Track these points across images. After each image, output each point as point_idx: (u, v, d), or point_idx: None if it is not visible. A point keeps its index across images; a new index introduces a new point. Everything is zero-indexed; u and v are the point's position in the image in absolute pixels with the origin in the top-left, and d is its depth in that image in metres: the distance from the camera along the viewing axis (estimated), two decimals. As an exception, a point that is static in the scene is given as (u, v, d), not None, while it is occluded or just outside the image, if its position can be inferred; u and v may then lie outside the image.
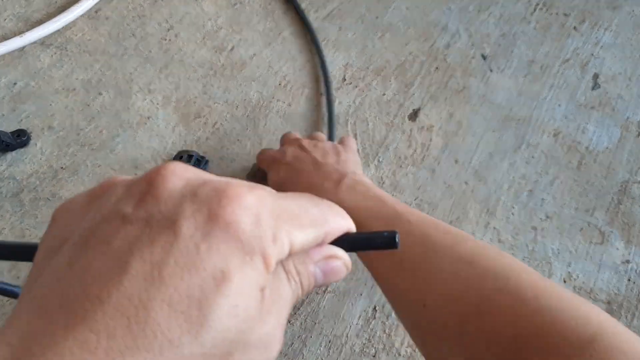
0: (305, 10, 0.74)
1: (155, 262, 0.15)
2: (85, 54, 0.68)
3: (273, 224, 0.18)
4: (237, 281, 0.16)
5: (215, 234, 0.16)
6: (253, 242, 0.17)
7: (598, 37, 0.73)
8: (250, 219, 0.17)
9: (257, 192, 0.18)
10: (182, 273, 0.15)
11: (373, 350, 0.49)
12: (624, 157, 0.62)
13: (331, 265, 0.21)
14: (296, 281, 0.20)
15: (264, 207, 0.18)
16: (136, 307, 0.15)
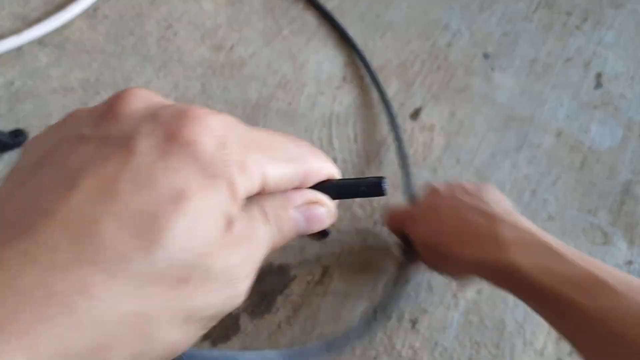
0: (305, 8, 0.74)
1: (108, 178, 0.15)
2: (83, 52, 0.68)
3: (241, 151, 0.17)
4: (197, 202, 0.15)
5: (174, 152, 0.16)
6: (216, 165, 0.16)
7: (601, 36, 0.73)
8: (213, 140, 0.16)
9: (224, 117, 0.17)
10: (135, 189, 0.15)
11: (374, 353, 0.49)
12: (627, 156, 0.62)
13: (314, 211, 0.20)
14: (273, 224, 0.19)
15: (231, 131, 0.17)
16: (83, 220, 0.14)
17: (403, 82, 0.67)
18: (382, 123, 0.63)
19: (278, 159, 0.18)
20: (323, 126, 0.63)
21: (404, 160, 0.58)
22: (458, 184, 0.44)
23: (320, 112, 0.64)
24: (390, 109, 0.62)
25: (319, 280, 0.52)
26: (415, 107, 0.65)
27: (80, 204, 0.14)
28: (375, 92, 0.66)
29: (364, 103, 0.65)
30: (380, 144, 0.62)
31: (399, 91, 0.66)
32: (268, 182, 0.18)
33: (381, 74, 0.68)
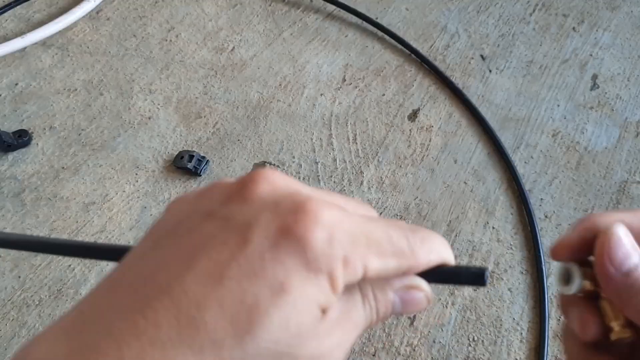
0: (305, 10, 0.75)
1: (220, 262, 0.16)
2: (87, 54, 0.69)
3: (347, 246, 0.17)
4: (295, 295, 0.16)
5: (283, 246, 0.17)
6: (320, 260, 0.17)
7: (597, 37, 0.74)
8: (322, 235, 0.17)
9: (336, 212, 0.18)
10: (241, 277, 0.16)
11: (373, 349, 0.49)
12: (622, 157, 0.63)
13: (412, 295, 0.20)
14: (371, 306, 0.19)
15: (340, 227, 0.18)
16: (190, 302, 0.15)
17: (401, 83, 0.68)
18: (382, 123, 0.64)
19: (384, 254, 0.19)
20: (323, 127, 0.64)
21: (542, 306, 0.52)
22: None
23: (320, 113, 0.65)
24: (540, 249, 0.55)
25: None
26: (413, 108, 0.66)
27: (191, 285, 0.16)
28: (375, 93, 0.67)
29: (363, 104, 0.66)
30: (378, 144, 0.62)
31: (397, 92, 0.67)
32: (369, 273, 0.18)
33: (380, 75, 0.69)
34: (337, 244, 0.17)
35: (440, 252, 0.21)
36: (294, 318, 0.16)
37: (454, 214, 0.58)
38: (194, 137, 0.62)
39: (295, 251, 0.17)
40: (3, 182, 0.58)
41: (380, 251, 0.19)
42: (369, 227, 0.19)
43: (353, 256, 0.18)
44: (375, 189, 0.59)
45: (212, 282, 0.16)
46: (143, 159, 0.60)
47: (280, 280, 0.16)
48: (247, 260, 0.16)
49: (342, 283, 0.18)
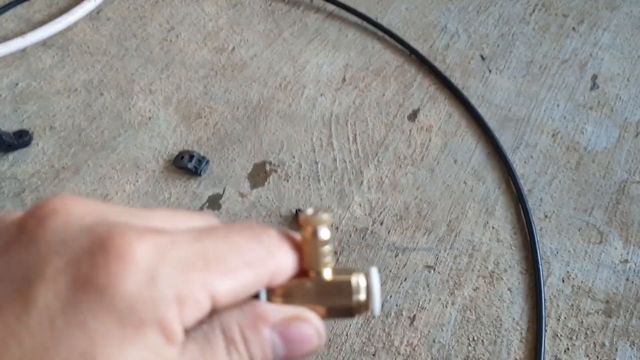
0: (305, 10, 0.75)
1: (6, 331, 0.12)
2: (87, 54, 0.69)
3: (178, 279, 0.14)
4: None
5: (81, 303, 0.12)
6: (141, 309, 0.13)
7: (597, 37, 0.74)
8: (138, 278, 0.13)
9: (154, 239, 0.14)
10: (32, 355, 0.12)
11: (373, 349, 0.50)
12: (622, 157, 0.63)
13: (295, 330, 0.16)
14: (240, 351, 0.15)
15: (163, 259, 0.14)
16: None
17: (401, 83, 0.68)
18: (382, 123, 0.64)
19: (232, 269, 0.15)
20: (323, 127, 0.64)
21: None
22: None
23: (320, 113, 0.65)
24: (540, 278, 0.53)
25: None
26: (413, 108, 0.66)
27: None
28: (375, 93, 0.67)
29: (363, 104, 0.66)
30: (378, 145, 0.63)
31: (397, 92, 0.67)
32: (221, 299, 0.15)
33: (380, 75, 0.69)
34: (163, 282, 0.13)
35: (292, 251, 0.17)
36: None
37: (453, 213, 0.58)
38: (194, 137, 0.62)
39: (99, 307, 0.12)
40: (3, 182, 0.58)
41: (227, 267, 0.15)
42: (204, 244, 0.15)
43: (190, 288, 0.14)
44: (375, 189, 0.59)
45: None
46: (143, 159, 0.60)
47: (82, 350, 0.12)
48: (31, 333, 0.12)
49: (181, 328, 0.14)
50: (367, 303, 0.19)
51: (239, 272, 0.15)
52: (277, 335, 0.16)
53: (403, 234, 0.56)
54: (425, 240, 0.56)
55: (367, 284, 0.19)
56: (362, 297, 0.18)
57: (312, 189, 0.59)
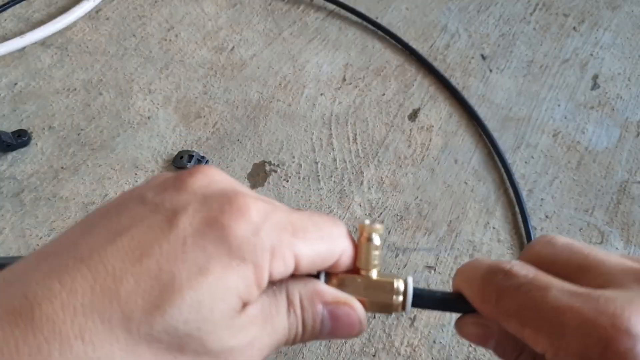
0: (305, 10, 0.74)
1: (142, 242, 0.17)
2: (86, 54, 0.68)
3: (275, 237, 0.18)
4: (212, 280, 0.16)
5: (207, 234, 0.17)
6: (245, 249, 0.17)
7: (597, 37, 0.73)
8: (247, 227, 0.17)
9: (265, 204, 0.18)
10: (161, 258, 0.16)
11: (373, 350, 0.49)
12: (623, 157, 0.63)
13: (342, 311, 0.20)
14: (297, 315, 0.19)
15: (267, 219, 0.18)
16: (107, 274, 0.16)
17: (401, 83, 0.68)
18: (382, 123, 0.64)
19: (312, 239, 0.19)
20: (323, 126, 0.63)
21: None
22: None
23: (320, 113, 0.65)
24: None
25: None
26: (413, 107, 0.66)
27: (111, 259, 0.16)
28: (375, 93, 0.67)
29: (363, 104, 0.66)
30: (378, 144, 0.62)
31: (397, 92, 0.67)
32: (301, 261, 0.19)
33: (380, 75, 0.68)
34: (264, 235, 0.18)
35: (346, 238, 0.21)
36: (207, 302, 0.16)
37: (454, 214, 0.58)
38: (194, 137, 0.62)
39: (218, 239, 0.17)
40: (2, 182, 0.58)
41: (309, 237, 0.19)
42: (294, 217, 0.19)
43: (281, 245, 0.18)
44: (375, 189, 0.59)
45: (132, 259, 0.16)
46: (142, 159, 0.60)
47: (200, 264, 0.16)
48: (169, 243, 0.17)
49: (267, 275, 0.18)
50: (403, 303, 0.22)
51: (315, 242, 0.19)
52: (327, 312, 0.20)
53: (403, 234, 0.56)
54: (425, 240, 0.56)
55: (404, 288, 0.22)
56: (400, 298, 0.22)
57: (312, 189, 0.58)
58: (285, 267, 0.18)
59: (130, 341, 0.16)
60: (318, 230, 0.19)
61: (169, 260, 0.16)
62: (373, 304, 0.22)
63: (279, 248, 0.18)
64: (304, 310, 0.19)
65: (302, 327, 0.19)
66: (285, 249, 0.18)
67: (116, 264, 0.16)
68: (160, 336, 0.16)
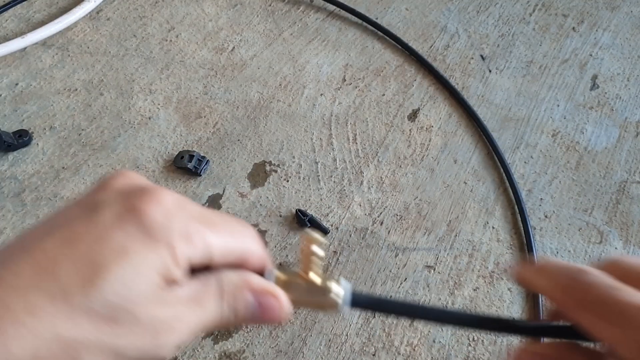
0: (305, 10, 0.75)
1: (76, 232, 0.20)
2: (87, 54, 0.69)
3: (185, 222, 0.21)
4: (134, 258, 0.19)
5: (127, 219, 0.20)
6: (159, 230, 0.20)
7: (597, 37, 0.74)
8: (161, 211, 0.20)
9: (178, 197, 0.22)
10: (92, 242, 0.19)
11: (373, 349, 0.50)
12: (622, 157, 0.63)
13: (267, 300, 0.23)
14: (229, 303, 0.22)
15: (179, 207, 0.21)
16: (47, 258, 0.19)
17: (401, 83, 0.68)
18: (382, 123, 0.64)
19: (221, 232, 0.22)
20: (322, 127, 0.64)
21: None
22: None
23: (320, 113, 0.65)
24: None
25: (319, 278, 0.53)
26: (413, 108, 0.66)
27: (49, 246, 0.19)
28: (375, 93, 0.67)
29: (363, 104, 0.66)
30: (378, 144, 0.63)
31: (397, 92, 0.67)
32: (213, 251, 0.22)
33: (380, 75, 0.69)
34: (175, 219, 0.21)
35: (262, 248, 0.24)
36: (132, 277, 0.19)
37: (453, 213, 0.58)
38: (194, 137, 0.62)
39: (136, 221, 0.20)
40: (3, 182, 0.58)
41: (219, 230, 0.22)
42: (207, 212, 0.22)
43: (191, 230, 0.21)
44: (375, 188, 0.59)
45: (67, 244, 0.19)
46: (143, 159, 0.60)
47: (122, 244, 0.19)
48: (97, 228, 0.20)
49: (185, 255, 0.20)
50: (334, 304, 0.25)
51: (225, 236, 0.22)
52: (255, 300, 0.23)
53: (403, 234, 0.56)
54: (425, 240, 0.56)
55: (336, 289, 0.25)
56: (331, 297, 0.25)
57: (312, 189, 0.59)
58: (198, 252, 0.21)
59: (71, 313, 0.18)
60: (227, 226, 0.22)
61: (97, 242, 0.19)
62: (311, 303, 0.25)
63: (192, 234, 0.21)
64: (234, 297, 0.22)
65: (234, 312, 0.22)
66: (197, 235, 0.21)
67: (54, 249, 0.19)
68: (97, 308, 0.19)
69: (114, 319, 0.19)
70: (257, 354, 0.49)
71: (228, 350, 0.49)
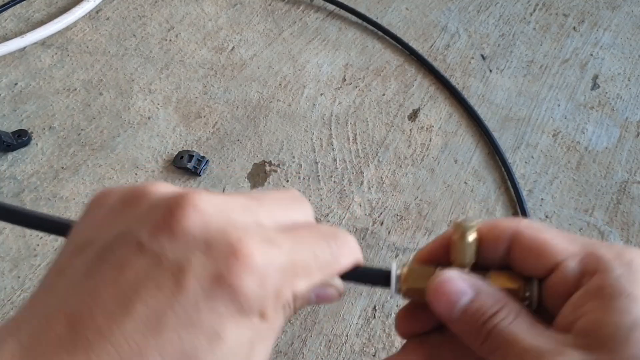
0: (305, 10, 0.74)
1: (157, 310, 0.16)
2: (86, 54, 0.68)
3: (279, 283, 0.19)
4: (230, 341, 0.17)
5: (217, 295, 0.17)
6: (253, 303, 0.18)
7: (597, 37, 0.73)
8: (255, 282, 0.18)
9: (270, 251, 0.19)
10: (179, 327, 0.16)
11: (373, 350, 0.49)
12: (623, 157, 0.63)
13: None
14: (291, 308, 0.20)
15: (272, 267, 0.18)
16: (131, 349, 0.16)
17: (401, 83, 0.68)
18: (382, 123, 0.64)
19: (312, 274, 0.20)
20: (323, 126, 0.63)
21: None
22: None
23: (320, 113, 0.65)
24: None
25: (319, 279, 0.53)
26: (413, 108, 0.66)
27: (131, 332, 0.16)
28: (375, 93, 0.67)
29: (363, 104, 0.66)
30: (378, 144, 0.62)
31: (397, 92, 0.67)
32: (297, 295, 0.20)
33: (380, 75, 0.68)
34: (270, 284, 0.18)
35: (355, 253, 0.23)
36: (229, 359, 0.17)
37: (454, 214, 0.58)
38: (194, 137, 0.62)
39: (229, 300, 0.17)
40: (2, 182, 0.58)
41: (309, 273, 0.20)
42: (296, 253, 0.20)
43: (284, 289, 0.19)
44: (375, 189, 0.59)
45: (152, 331, 0.16)
46: (143, 159, 0.60)
47: (216, 329, 0.17)
48: (183, 309, 0.17)
49: (272, 312, 0.19)
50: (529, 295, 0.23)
51: (313, 276, 0.20)
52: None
53: (403, 234, 0.56)
54: (425, 240, 0.56)
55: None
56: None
57: (312, 189, 0.58)
58: (284, 304, 0.19)
59: None
60: (317, 262, 0.20)
61: (187, 329, 0.17)
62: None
63: (282, 292, 0.19)
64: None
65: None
66: (287, 291, 0.19)
67: (137, 338, 0.16)
68: None
69: None
70: (257, 354, 0.49)
71: (228, 351, 0.49)
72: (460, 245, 0.23)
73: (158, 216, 0.18)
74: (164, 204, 0.18)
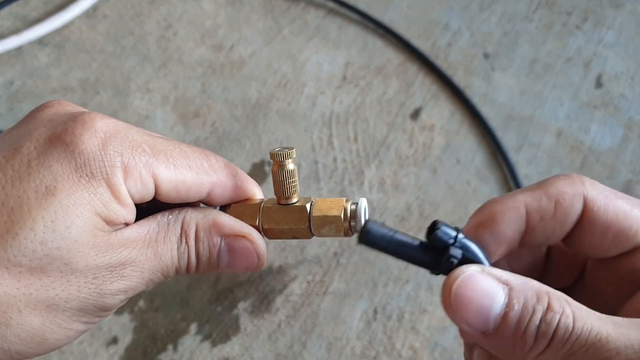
0: (305, 8, 0.74)
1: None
2: (83, 52, 0.68)
3: (127, 153, 0.18)
4: (62, 197, 0.17)
5: (52, 152, 0.17)
6: (92, 164, 0.17)
7: (601, 35, 0.73)
8: (93, 140, 0.17)
9: (113, 121, 0.18)
10: (8, 183, 0.17)
11: (374, 352, 0.49)
12: (627, 156, 0.62)
13: (240, 244, 0.20)
14: (189, 245, 0.19)
15: (117, 134, 0.18)
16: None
17: (403, 82, 0.67)
18: (383, 122, 0.63)
19: (173, 163, 0.19)
20: (323, 126, 0.63)
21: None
22: None
23: (320, 112, 0.64)
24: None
25: (319, 280, 0.52)
26: (415, 107, 0.65)
27: None
28: (376, 92, 0.66)
29: (364, 103, 0.65)
30: (380, 144, 0.62)
31: (398, 91, 0.66)
32: (162, 185, 0.18)
33: (381, 73, 0.68)
34: (113, 150, 0.17)
35: (247, 181, 0.21)
36: (62, 220, 0.16)
37: (456, 214, 0.57)
38: (192, 136, 0.61)
39: (63, 156, 0.17)
40: (-2, 182, 0.57)
41: (171, 161, 0.18)
42: (155, 140, 0.19)
43: (134, 162, 0.17)
44: (376, 189, 0.58)
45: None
46: (140, 159, 0.59)
47: (47, 184, 0.17)
48: (14, 168, 0.17)
49: (127, 193, 0.18)
50: (308, 228, 0.21)
51: (180, 168, 0.19)
52: (225, 245, 0.19)
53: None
54: (427, 241, 0.55)
55: (309, 211, 0.22)
56: (307, 223, 0.21)
57: (312, 189, 0.58)
58: (143, 187, 0.18)
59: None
60: (184, 157, 0.19)
61: (14, 185, 0.17)
62: (289, 230, 0.21)
63: (133, 166, 0.18)
64: (199, 241, 0.19)
65: (196, 259, 0.19)
66: (142, 167, 0.18)
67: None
68: (19, 260, 0.16)
69: (43, 270, 0.16)
70: (257, 357, 0.48)
71: (227, 353, 0.48)
72: (281, 176, 0.21)
73: (24, 117, 0.20)
74: (65, 118, 0.19)
